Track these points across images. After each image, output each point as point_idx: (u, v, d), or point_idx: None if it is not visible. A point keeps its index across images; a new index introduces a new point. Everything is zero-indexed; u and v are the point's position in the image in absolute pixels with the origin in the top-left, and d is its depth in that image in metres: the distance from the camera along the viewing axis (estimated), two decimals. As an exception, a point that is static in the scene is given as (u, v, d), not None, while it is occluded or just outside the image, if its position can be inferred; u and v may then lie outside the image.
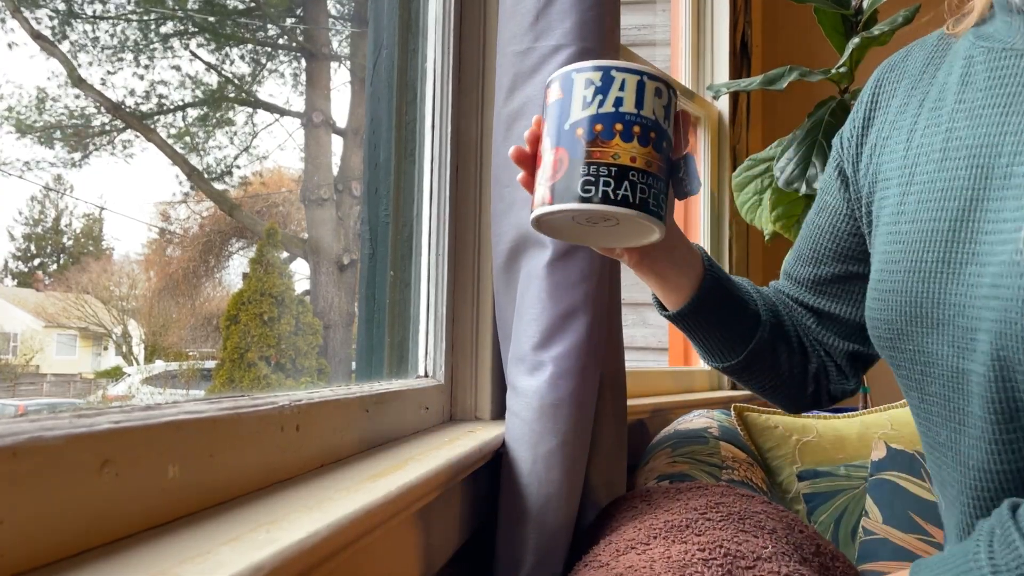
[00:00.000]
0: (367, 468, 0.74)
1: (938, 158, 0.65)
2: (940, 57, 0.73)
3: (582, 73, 0.63)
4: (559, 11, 1.01)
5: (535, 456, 0.96)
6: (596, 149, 0.61)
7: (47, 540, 0.42)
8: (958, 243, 0.62)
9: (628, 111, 0.62)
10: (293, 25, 5.68)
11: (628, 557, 0.85)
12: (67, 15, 4.10)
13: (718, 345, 0.85)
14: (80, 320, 5.95)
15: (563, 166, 0.62)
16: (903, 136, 0.71)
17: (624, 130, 0.61)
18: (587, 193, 0.60)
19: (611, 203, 0.60)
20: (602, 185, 0.61)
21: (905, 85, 0.75)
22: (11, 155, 4.75)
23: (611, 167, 0.61)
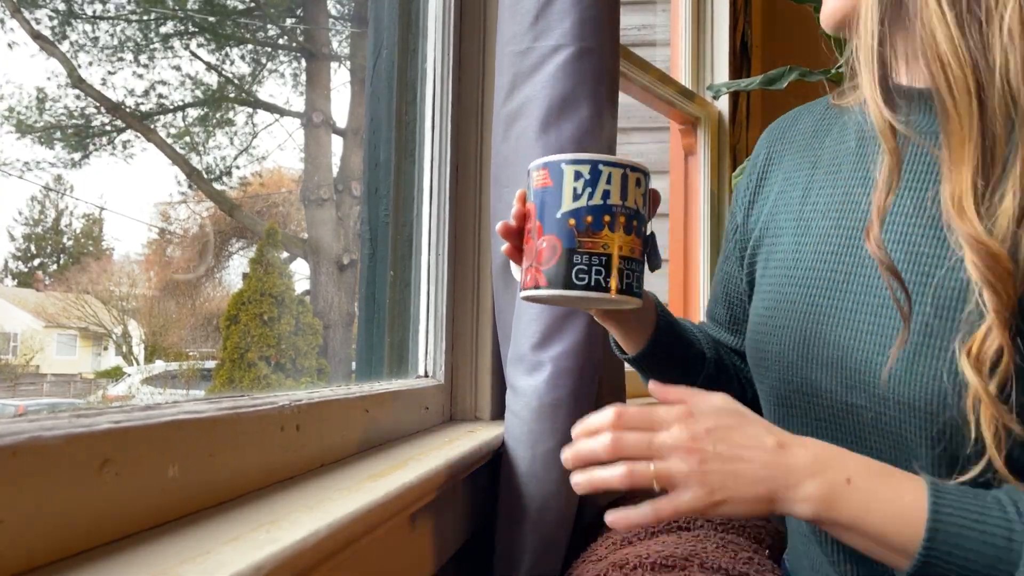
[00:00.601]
0: (367, 468, 0.74)
1: (835, 216, 0.75)
2: (829, 125, 0.83)
3: (572, 166, 0.67)
4: (559, 11, 1.01)
5: (534, 455, 0.96)
6: (587, 239, 0.67)
7: (47, 540, 0.42)
8: (850, 292, 0.72)
9: (615, 203, 0.68)
10: (293, 25, 5.68)
11: (624, 550, 0.85)
12: (67, 15, 4.10)
13: (675, 378, 0.86)
14: (80, 320, 5.95)
15: (556, 253, 0.67)
16: (798, 192, 0.81)
17: (611, 221, 0.67)
18: (580, 281, 0.66)
19: (602, 290, 0.67)
20: (594, 274, 0.67)
21: (797, 146, 0.85)
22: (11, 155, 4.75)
23: (601, 256, 0.67)
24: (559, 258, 0.67)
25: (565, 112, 0.99)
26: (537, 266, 0.68)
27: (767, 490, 0.60)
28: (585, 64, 1.01)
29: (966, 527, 0.55)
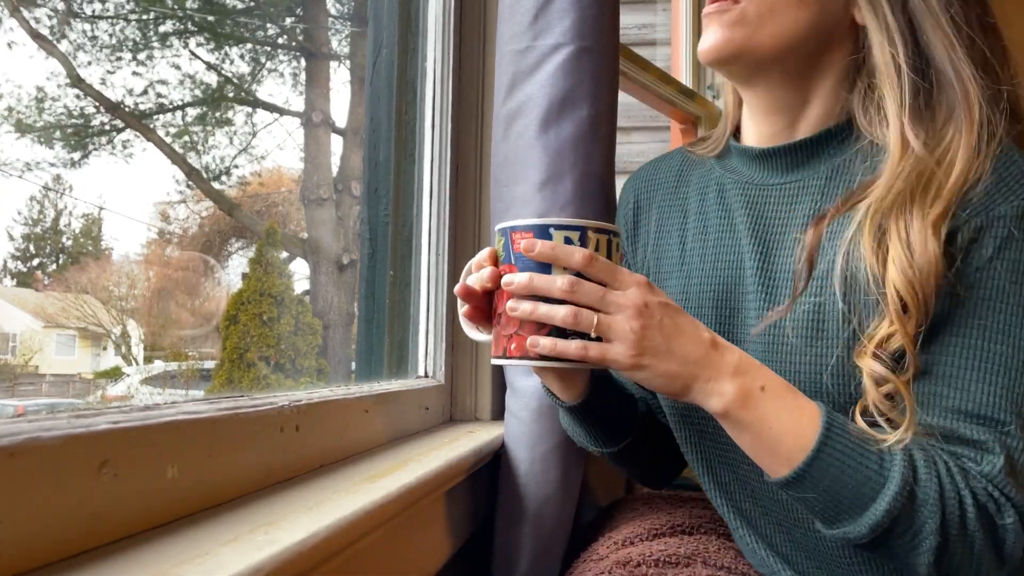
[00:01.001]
0: (367, 468, 0.73)
1: (711, 260, 0.84)
2: (689, 174, 0.91)
3: (561, 231, 0.67)
4: (559, 9, 1.01)
5: (533, 457, 0.96)
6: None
7: (46, 541, 0.42)
8: (733, 327, 0.81)
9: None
10: (293, 24, 5.67)
11: (627, 550, 0.85)
12: (66, 15, 4.10)
13: (612, 427, 0.88)
14: (79, 320, 5.94)
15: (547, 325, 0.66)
16: (675, 240, 0.89)
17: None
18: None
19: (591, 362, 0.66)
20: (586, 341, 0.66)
21: (663, 193, 0.93)
22: (11, 155, 4.74)
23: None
24: (551, 328, 0.65)
25: (565, 111, 0.99)
26: (525, 335, 0.66)
27: (688, 374, 0.65)
28: (585, 63, 1.00)
29: (846, 452, 0.63)
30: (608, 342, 0.64)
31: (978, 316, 0.66)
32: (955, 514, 0.61)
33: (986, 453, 0.63)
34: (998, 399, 0.64)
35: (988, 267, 0.66)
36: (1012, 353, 0.64)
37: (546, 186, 0.98)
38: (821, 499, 0.64)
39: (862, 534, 0.63)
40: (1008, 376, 0.64)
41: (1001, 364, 0.64)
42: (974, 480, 0.62)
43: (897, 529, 0.62)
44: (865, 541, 0.63)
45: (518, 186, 1.00)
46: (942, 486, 0.62)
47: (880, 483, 0.62)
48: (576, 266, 0.65)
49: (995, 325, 0.65)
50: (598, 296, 0.64)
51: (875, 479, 0.62)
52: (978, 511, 0.61)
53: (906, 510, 0.61)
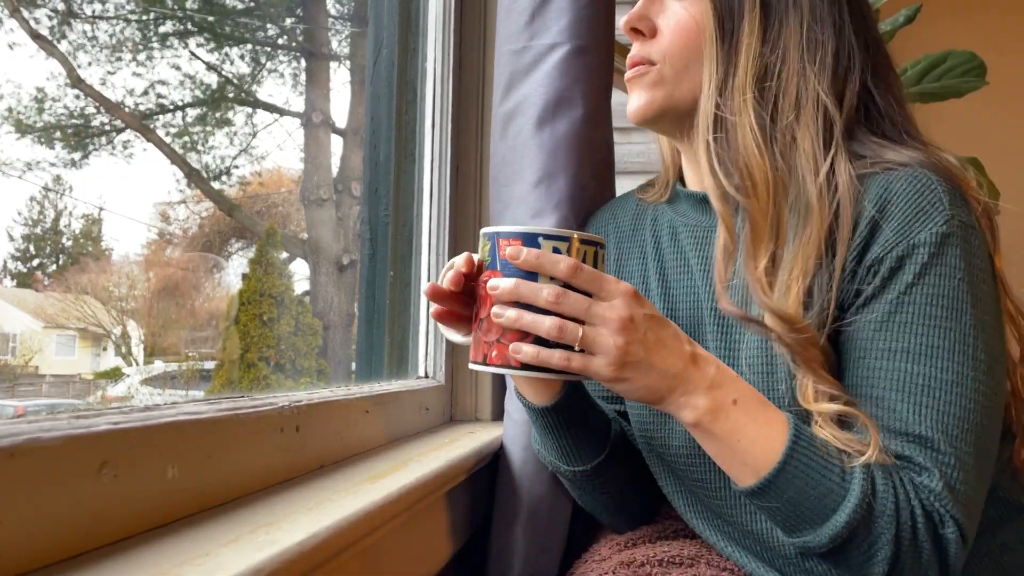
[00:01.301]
0: (367, 469, 0.73)
1: (671, 301, 0.86)
2: (643, 218, 0.94)
3: (550, 241, 0.66)
4: (555, 9, 1.01)
5: (526, 457, 0.96)
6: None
7: (46, 542, 0.42)
8: None
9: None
10: (293, 25, 5.68)
11: (630, 551, 0.85)
12: (66, 15, 4.10)
13: (586, 438, 0.86)
14: (79, 321, 5.93)
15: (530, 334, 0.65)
16: (637, 282, 0.91)
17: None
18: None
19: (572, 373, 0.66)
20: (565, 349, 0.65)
21: (622, 236, 0.95)
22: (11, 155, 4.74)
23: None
24: (534, 337, 0.65)
25: (560, 110, 0.99)
26: (507, 343, 0.66)
27: (666, 388, 0.66)
28: (580, 62, 1.00)
29: (810, 465, 0.65)
30: (591, 355, 0.65)
31: (901, 340, 0.68)
32: (908, 525, 0.63)
33: (924, 471, 0.65)
34: (926, 419, 0.66)
35: (909, 292, 0.68)
36: (936, 374, 0.67)
37: (541, 184, 0.98)
38: (784, 509, 0.66)
39: (822, 543, 0.65)
40: (933, 396, 0.66)
41: (925, 385, 0.66)
42: (922, 492, 0.64)
43: (855, 540, 0.64)
44: (824, 550, 0.65)
45: (515, 186, 1.00)
46: (897, 498, 0.64)
47: (841, 495, 0.64)
48: (562, 276, 0.65)
49: (918, 348, 0.67)
50: (583, 308, 0.64)
51: (837, 491, 0.64)
52: (926, 522, 0.64)
53: (864, 521, 0.63)
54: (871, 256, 0.70)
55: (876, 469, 0.65)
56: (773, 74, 0.77)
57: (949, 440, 0.65)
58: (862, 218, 0.71)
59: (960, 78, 1.32)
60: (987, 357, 0.67)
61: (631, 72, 0.83)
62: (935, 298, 0.68)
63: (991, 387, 0.68)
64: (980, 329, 0.68)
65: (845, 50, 0.78)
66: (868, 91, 0.79)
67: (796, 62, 0.76)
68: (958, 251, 0.68)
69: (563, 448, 0.86)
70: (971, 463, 0.65)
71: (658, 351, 0.66)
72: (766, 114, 0.76)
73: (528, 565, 0.97)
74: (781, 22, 0.78)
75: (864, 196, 0.71)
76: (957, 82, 1.32)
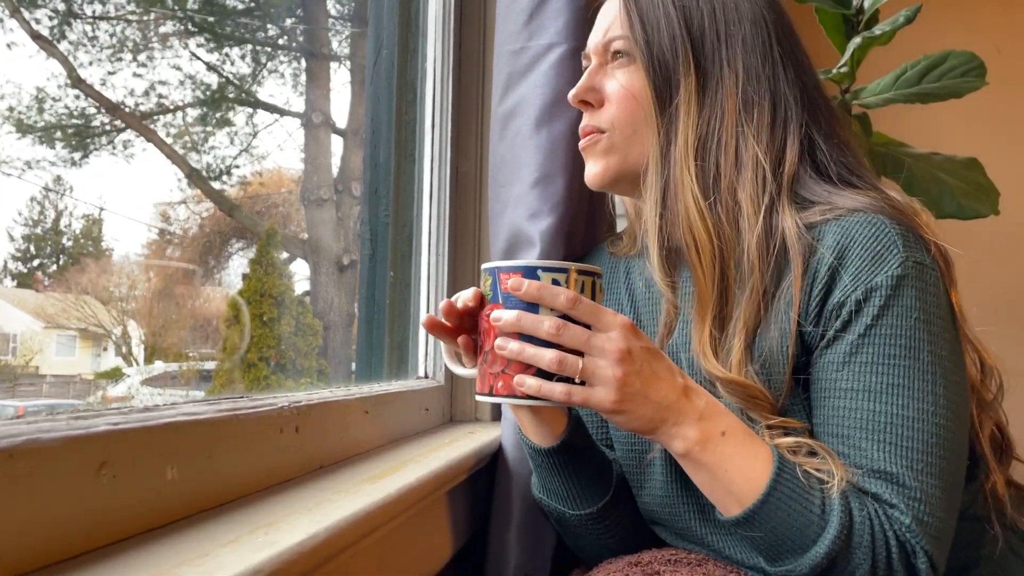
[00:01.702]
0: (366, 469, 0.73)
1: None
2: (617, 271, 0.96)
3: (549, 273, 0.69)
4: (552, 10, 1.01)
5: (523, 457, 0.96)
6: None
7: (45, 542, 0.42)
8: None
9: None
10: (293, 25, 5.67)
11: (636, 554, 0.85)
12: (66, 15, 4.10)
13: (591, 478, 0.85)
14: (80, 321, 5.93)
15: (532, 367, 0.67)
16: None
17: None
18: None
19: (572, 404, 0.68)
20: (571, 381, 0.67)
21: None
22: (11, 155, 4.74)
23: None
24: (537, 368, 0.67)
25: (557, 111, 0.99)
26: (511, 374, 0.68)
27: (659, 419, 0.68)
28: (579, 63, 1.01)
29: (792, 497, 0.66)
30: (591, 387, 0.67)
31: (863, 379, 0.70)
32: (883, 556, 0.65)
33: (893, 507, 0.67)
34: (890, 456, 0.68)
35: (868, 334, 0.71)
36: (897, 411, 0.68)
37: (538, 185, 0.98)
38: (767, 538, 0.68)
39: (803, 573, 0.67)
40: (895, 433, 0.68)
41: (888, 423, 0.68)
42: (895, 524, 0.66)
43: (835, 569, 0.66)
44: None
45: (514, 186, 1.00)
46: (873, 529, 0.66)
47: (822, 526, 0.66)
48: (561, 308, 0.67)
49: (879, 387, 0.69)
50: (583, 340, 0.66)
51: (817, 523, 0.66)
52: (900, 553, 0.66)
53: (844, 551, 0.65)
54: (833, 301, 0.72)
55: (853, 500, 0.67)
56: (712, 137, 0.79)
57: (914, 475, 0.67)
58: (822, 265, 0.73)
59: (960, 78, 1.32)
60: (946, 392, 0.69)
61: (584, 141, 0.86)
62: (893, 338, 0.70)
63: (952, 420, 0.69)
64: (938, 365, 0.69)
65: (782, 104, 0.80)
66: (811, 139, 0.81)
67: (733, 125, 0.79)
68: (913, 291, 0.70)
69: (569, 490, 0.85)
70: (938, 495, 0.67)
71: (654, 383, 0.68)
72: (708, 178, 0.78)
73: (524, 565, 0.97)
74: (717, 85, 0.80)
75: (821, 243, 0.74)
76: (957, 82, 1.32)
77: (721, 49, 0.81)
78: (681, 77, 0.81)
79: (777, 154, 0.79)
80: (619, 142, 0.84)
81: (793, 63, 0.83)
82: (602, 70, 0.86)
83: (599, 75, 0.86)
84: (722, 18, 0.82)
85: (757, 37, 0.82)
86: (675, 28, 0.81)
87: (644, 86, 0.82)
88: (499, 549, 0.97)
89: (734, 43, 0.81)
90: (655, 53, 0.81)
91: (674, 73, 0.81)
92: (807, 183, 0.79)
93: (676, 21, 0.82)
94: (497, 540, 0.97)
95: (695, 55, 0.81)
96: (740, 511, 0.68)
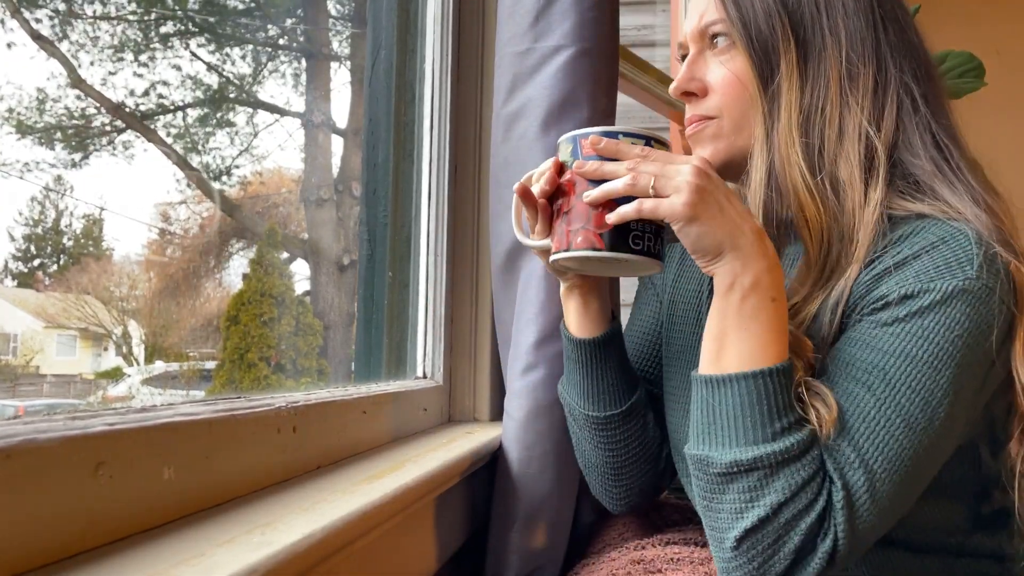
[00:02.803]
0: (364, 469, 0.74)
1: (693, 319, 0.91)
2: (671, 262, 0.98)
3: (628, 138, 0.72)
4: (559, 12, 1.01)
5: (529, 457, 0.96)
6: None
7: (41, 542, 0.42)
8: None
9: None
10: (293, 25, 5.68)
11: (638, 552, 0.85)
12: (67, 15, 4.10)
13: (609, 387, 0.88)
14: (80, 321, 5.94)
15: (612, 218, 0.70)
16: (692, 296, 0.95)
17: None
18: (637, 246, 0.71)
19: (651, 256, 0.71)
20: (647, 240, 0.71)
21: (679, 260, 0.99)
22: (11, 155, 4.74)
23: (652, 225, 0.71)
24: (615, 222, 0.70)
25: (565, 113, 0.99)
26: (591, 228, 0.71)
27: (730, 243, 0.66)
28: (585, 65, 1.01)
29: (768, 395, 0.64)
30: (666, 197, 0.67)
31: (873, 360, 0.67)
32: (795, 510, 0.62)
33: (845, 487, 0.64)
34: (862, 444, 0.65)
35: (898, 324, 0.67)
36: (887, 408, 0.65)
37: None
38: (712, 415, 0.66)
39: (721, 463, 0.65)
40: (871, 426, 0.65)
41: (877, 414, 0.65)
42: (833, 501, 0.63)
43: (746, 482, 0.64)
44: (715, 472, 0.65)
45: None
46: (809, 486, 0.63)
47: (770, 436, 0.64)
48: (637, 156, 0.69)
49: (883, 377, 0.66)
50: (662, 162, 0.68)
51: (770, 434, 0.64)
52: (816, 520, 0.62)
53: (768, 473, 0.63)
54: (881, 290, 0.69)
55: (828, 459, 0.65)
56: (817, 110, 0.77)
57: (868, 474, 0.64)
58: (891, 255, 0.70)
59: (959, 79, 1.32)
60: (945, 419, 0.66)
61: (691, 128, 0.84)
62: (923, 341, 0.66)
63: (934, 449, 0.66)
64: (954, 391, 0.66)
65: (884, 69, 0.78)
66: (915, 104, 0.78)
67: (837, 94, 0.77)
68: (968, 309, 0.67)
69: (587, 388, 0.88)
70: (885, 506, 0.64)
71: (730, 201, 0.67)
72: (814, 153, 0.76)
73: (526, 566, 0.97)
74: (819, 55, 0.78)
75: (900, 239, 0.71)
76: (956, 83, 1.32)
77: (821, 17, 0.78)
78: (781, 53, 0.78)
79: (879, 122, 0.76)
80: (728, 127, 0.82)
81: (895, 25, 0.80)
82: (701, 58, 0.84)
83: (699, 63, 0.84)
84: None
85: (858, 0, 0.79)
86: (769, 2, 0.79)
87: (747, 68, 0.80)
88: (499, 548, 0.97)
89: (834, 9, 0.78)
90: (752, 32, 0.79)
91: (773, 50, 0.78)
92: (907, 157, 0.76)
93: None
94: (497, 539, 0.98)
95: (793, 27, 0.78)
96: (716, 372, 0.67)
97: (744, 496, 0.64)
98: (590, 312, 0.85)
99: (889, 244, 0.71)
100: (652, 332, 0.98)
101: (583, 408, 0.88)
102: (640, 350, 0.98)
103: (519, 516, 0.96)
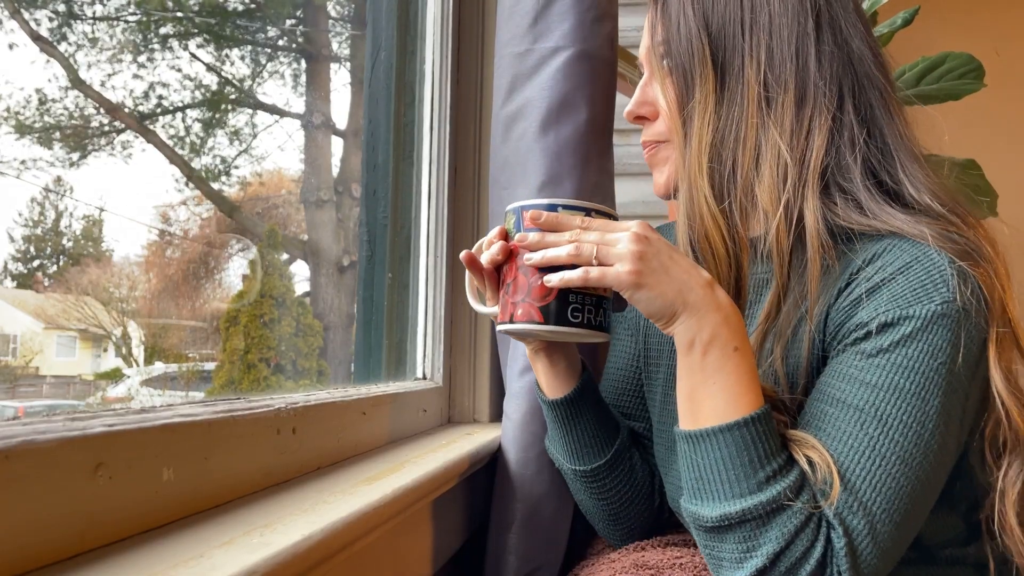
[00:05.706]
0: (363, 471, 0.74)
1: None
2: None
3: (567, 210, 0.73)
4: (558, 13, 1.01)
5: (527, 458, 0.96)
6: None
7: (40, 544, 0.42)
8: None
9: None
10: (293, 27, 5.68)
11: (639, 555, 0.85)
12: (67, 16, 4.10)
13: (590, 440, 0.88)
14: (80, 322, 5.93)
15: (553, 292, 0.71)
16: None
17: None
18: (575, 319, 0.72)
19: (593, 328, 0.72)
20: (587, 313, 0.72)
21: None
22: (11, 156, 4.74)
23: (592, 297, 0.73)
24: (556, 296, 0.71)
25: (564, 114, 0.99)
26: (531, 302, 0.72)
27: (681, 302, 0.66)
28: (584, 66, 1.01)
29: (748, 449, 0.64)
30: (609, 266, 0.67)
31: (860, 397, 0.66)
32: (793, 559, 0.62)
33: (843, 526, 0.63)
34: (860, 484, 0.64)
35: (882, 355, 0.66)
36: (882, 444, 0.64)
37: (546, 188, 0.98)
38: (697, 470, 0.66)
39: (711, 518, 0.64)
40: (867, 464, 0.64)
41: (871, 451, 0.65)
42: (840, 561, 0.62)
43: (740, 533, 0.63)
44: (708, 526, 0.65)
45: (518, 188, 1.00)
46: (804, 533, 0.62)
47: (753, 490, 0.63)
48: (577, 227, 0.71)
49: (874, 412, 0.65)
50: (599, 235, 0.68)
51: (752, 480, 0.63)
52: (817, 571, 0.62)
53: (759, 524, 0.63)
54: (858, 319, 0.69)
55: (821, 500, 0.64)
56: (730, 134, 0.75)
57: (868, 516, 0.63)
58: (861, 281, 0.69)
59: (958, 80, 1.32)
60: (938, 449, 0.65)
61: (646, 153, 0.86)
62: (908, 372, 0.66)
63: (931, 481, 0.66)
64: (944, 419, 0.65)
65: (811, 84, 0.74)
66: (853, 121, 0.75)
67: (754, 116, 0.75)
68: (949, 334, 0.66)
69: (568, 444, 0.88)
70: (887, 547, 0.63)
71: (676, 261, 0.67)
72: (723, 179, 0.75)
73: (526, 566, 0.97)
74: (737, 77, 0.76)
75: (869, 260, 0.70)
76: (955, 84, 1.32)
77: (743, 40, 0.76)
78: (698, 77, 0.77)
79: (804, 144, 0.74)
80: (673, 151, 0.82)
81: (834, 34, 0.76)
82: (653, 80, 0.83)
83: (648, 90, 0.84)
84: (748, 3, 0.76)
85: (787, 10, 0.76)
86: (691, 25, 0.77)
87: (669, 93, 0.80)
88: (498, 549, 0.97)
89: (758, 28, 0.76)
90: (675, 56, 0.78)
91: (691, 74, 0.77)
92: (842, 175, 0.74)
93: (693, 17, 0.77)
94: (496, 540, 0.98)
95: (713, 51, 0.77)
96: (693, 429, 0.66)
97: (740, 547, 0.64)
98: (558, 372, 0.85)
99: (861, 266, 0.70)
100: (630, 368, 0.98)
101: (570, 464, 0.89)
102: (620, 387, 0.98)
103: (517, 517, 0.96)
